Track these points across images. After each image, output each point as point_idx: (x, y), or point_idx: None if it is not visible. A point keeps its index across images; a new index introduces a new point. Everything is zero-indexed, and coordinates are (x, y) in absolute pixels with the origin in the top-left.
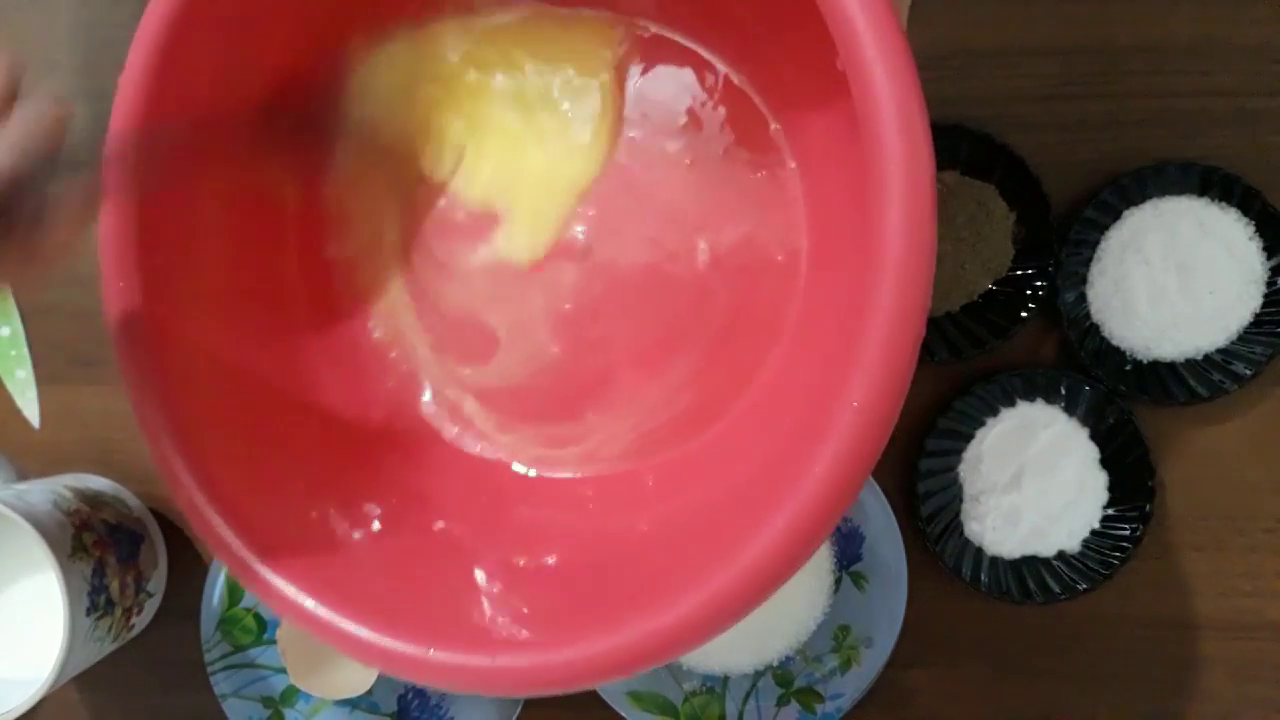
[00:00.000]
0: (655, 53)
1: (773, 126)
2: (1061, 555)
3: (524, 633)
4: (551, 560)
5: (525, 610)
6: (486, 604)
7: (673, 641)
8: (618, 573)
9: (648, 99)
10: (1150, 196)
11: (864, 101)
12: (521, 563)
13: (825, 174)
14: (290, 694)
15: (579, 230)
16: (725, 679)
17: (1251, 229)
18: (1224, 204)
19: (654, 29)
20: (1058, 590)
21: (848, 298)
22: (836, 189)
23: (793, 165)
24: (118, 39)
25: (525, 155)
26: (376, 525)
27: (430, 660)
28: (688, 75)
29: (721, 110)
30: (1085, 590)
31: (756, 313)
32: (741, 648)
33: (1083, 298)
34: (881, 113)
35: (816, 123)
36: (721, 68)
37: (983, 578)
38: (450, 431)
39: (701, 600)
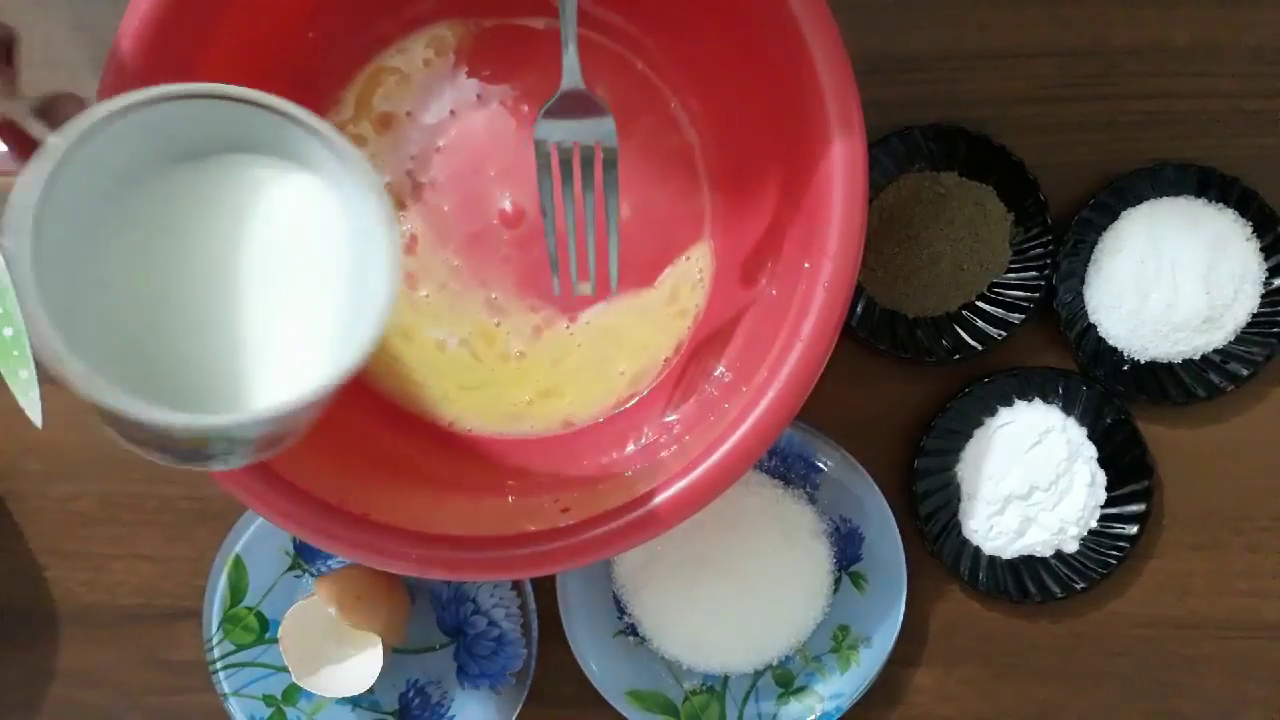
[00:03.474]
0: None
1: (672, 104)
2: (1059, 555)
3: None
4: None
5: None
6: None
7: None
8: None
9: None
10: (1147, 197)
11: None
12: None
13: (718, 135)
14: (292, 692)
15: (508, 201)
16: (725, 679)
17: (1249, 229)
18: (1221, 205)
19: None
20: (1055, 590)
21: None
22: (728, 141)
23: (692, 134)
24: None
25: None
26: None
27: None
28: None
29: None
30: (1083, 590)
31: (674, 247)
32: (741, 648)
33: (1080, 298)
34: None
35: (708, 92)
36: (629, 56)
37: (981, 577)
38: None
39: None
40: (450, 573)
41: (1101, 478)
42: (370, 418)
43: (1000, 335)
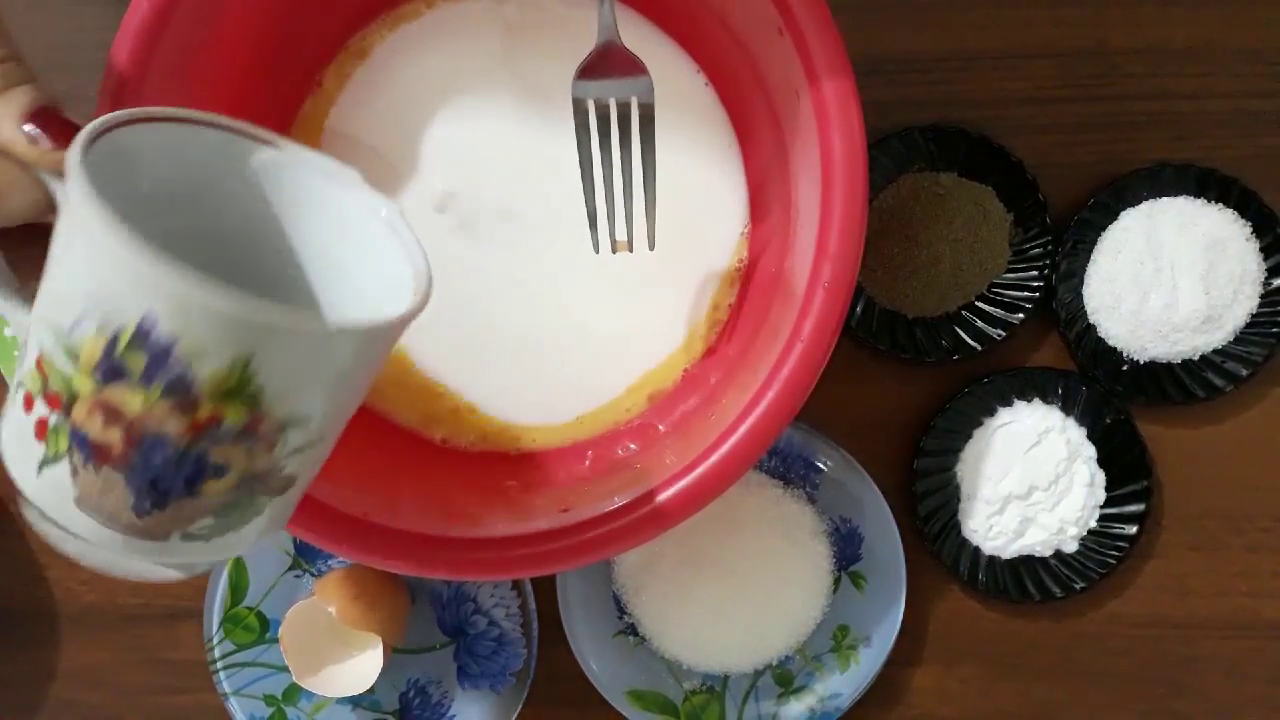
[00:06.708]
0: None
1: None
2: (1059, 555)
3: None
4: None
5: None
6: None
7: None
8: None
9: None
10: (1147, 198)
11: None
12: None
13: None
14: (293, 692)
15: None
16: (725, 678)
17: (1248, 230)
18: (1221, 205)
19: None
20: (1055, 590)
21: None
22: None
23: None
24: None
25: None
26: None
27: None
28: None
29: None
30: (1082, 590)
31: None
32: (741, 647)
33: (1079, 298)
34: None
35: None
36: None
37: (980, 577)
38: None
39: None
40: (450, 573)
41: (1101, 478)
42: (364, 429)
43: (1000, 335)
